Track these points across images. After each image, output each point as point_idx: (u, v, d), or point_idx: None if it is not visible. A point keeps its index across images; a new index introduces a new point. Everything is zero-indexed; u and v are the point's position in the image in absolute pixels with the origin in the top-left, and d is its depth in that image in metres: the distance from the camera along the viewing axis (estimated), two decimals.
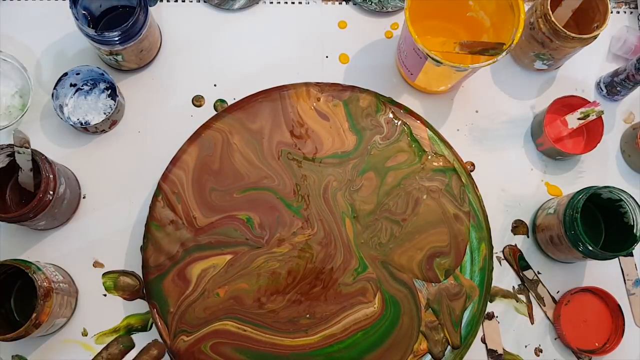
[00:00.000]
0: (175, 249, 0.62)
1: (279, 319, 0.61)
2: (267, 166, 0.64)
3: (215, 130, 0.65)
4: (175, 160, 0.64)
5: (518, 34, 0.61)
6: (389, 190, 0.65)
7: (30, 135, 0.61)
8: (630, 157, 0.73)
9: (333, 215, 0.64)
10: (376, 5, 0.76)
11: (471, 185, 0.65)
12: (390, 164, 0.65)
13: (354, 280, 0.62)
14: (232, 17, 0.76)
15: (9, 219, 0.60)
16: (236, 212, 0.63)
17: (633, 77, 0.70)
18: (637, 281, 0.70)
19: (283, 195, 0.64)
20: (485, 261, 0.63)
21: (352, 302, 0.62)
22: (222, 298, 0.61)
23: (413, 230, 0.64)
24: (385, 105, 0.67)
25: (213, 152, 0.64)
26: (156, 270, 0.61)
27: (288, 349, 0.60)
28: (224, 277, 0.61)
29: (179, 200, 0.63)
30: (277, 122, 0.66)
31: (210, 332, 0.60)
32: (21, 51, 0.72)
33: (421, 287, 0.62)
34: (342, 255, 0.63)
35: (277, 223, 0.63)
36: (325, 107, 0.67)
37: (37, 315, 0.57)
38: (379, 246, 0.63)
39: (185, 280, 0.61)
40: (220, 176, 0.64)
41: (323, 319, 0.61)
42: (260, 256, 0.62)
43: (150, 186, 0.68)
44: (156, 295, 0.61)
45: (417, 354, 0.61)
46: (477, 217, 0.64)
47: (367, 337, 0.61)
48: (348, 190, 0.64)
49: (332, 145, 0.65)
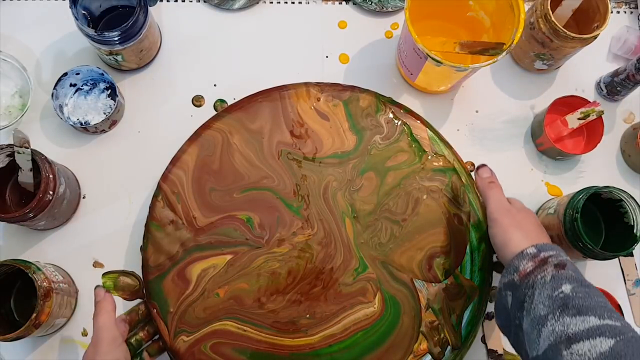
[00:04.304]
0: (175, 249, 0.62)
1: (279, 319, 0.61)
2: (267, 166, 0.64)
3: (215, 130, 0.65)
4: (175, 160, 0.64)
5: (518, 34, 0.61)
6: (389, 190, 0.65)
7: (30, 135, 0.61)
8: (630, 157, 0.73)
9: (333, 215, 0.64)
10: (376, 5, 0.76)
11: (471, 185, 0.65)
12: (390, 164, 0.65)
13: (354, 280, 0.62)
14: (232, 17, 0.76)
15: (9, 219, 0.60)
16: (236, 212, 0.63)
17: (633, 77, 0.70)
18: (637, 281, 0.70)
19: (283, 195, 0.64)
20: (485, 261, 0.63)
21: (352, 302, 0.62)
22: (222, 298, 0.61)
23: (413, 230, 0.64)
24: (385, 105, 0.67)
25: (213, 152, 0.64)
26: (156, 270, 0.61)
27: (288, 349, 0.60)
28: (224, 277, 0.61)
29: (179, 200, 0.63)
30: (277, 122, 0.66)
31: (210, 332, 0.60)
32: (21, 51, 0.72)
33: (421, 287, 0.62)
34: (342, 255, 0.63)
35: (277, 223, 0.63)
36: (325, 107, 0.66)
37: (37, 315, 0.57)
38: (379, 246, 0.63)
39: (185, 280, 0.61)
40: (220, 176, 0.64)
41: (323, 319, 0.61)
42: (260, 256, 0.62)
43: (150, 186, 0.68)
44: (156, 296, 0.61)
45: (417, 354, 0.61)
46: (477, 217, 0.64)
47: (367, 337, 0.61)
48: (348, 190, 0.64)
49: (332, 145, 0.65)
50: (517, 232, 0.56)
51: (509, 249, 0.55)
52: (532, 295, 0.50)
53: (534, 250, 0.52)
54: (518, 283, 0.52)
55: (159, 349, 0.60)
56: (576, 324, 0.46)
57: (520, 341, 0.51)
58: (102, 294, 0.56)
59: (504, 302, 0.54)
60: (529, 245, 0.53)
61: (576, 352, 0.44)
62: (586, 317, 0.46)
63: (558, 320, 0.47)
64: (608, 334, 0.44)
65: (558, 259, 0.51)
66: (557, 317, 0.47)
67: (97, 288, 0.57)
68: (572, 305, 0.47)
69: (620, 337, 0.44)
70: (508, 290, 0.53)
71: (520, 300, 0.51)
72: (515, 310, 0.52)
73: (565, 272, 0.50)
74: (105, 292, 0.56)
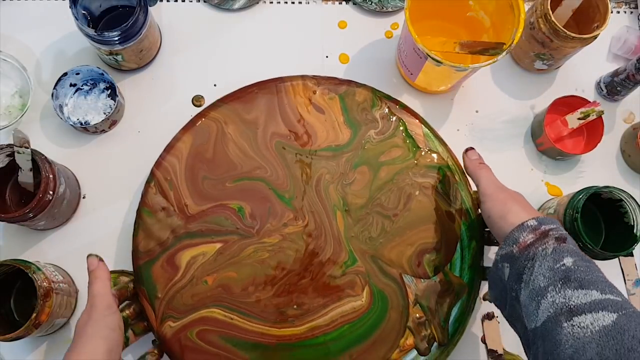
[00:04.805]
0: (166, 235, 0.62)
1: (266, 309, 0.61)
2: (260, 157, 0.64)
3: (210, 119, 0.65)
4: (169, 148, 0.64)
5: (518, 34, 0.61)
6: (381, 185, 0.65)
7: (30, 135, 0.61)
8: (630, 157, 0.73)
9: (324, 208, 0.64)
10: (376, 5, 0.76)
11: (464, 182, 0.65)
12: (384, 159, 0.65)
13: (342, 273, 0.62)
14: (232, 17, 0.76)
15: (9, 219, 0.60)
16: (228, 201, 0.63)
17: (633, 77, 0.70)
18: (637, 281, 0.70)
19: (275, 186, 0.64)
20: (476, 259, 0.63)
21: (340, 295, 0.61)
22: (210, 286, 0.61)
23: (404, 226, 0.64)
24: (381, 101, 0.67)
25: (207, 141, 0.64)
26: (146, 255, 0.61)
27: (274, 338, 0.60)
28: (213, 265, 0.61)
29: (171, 187, 0.63)
30: (273, 114, 0.66)
31: (197, 319, 0.60)
32: (21, 51, 0.72)
33: (410, 282, 0.62)
34: (332, 247, 0.63)
35: (268, 213, 0.63)
36: (321, 100, 0.67)
37: (37, 315, 0.57)
38: (369, 240, 0.63)
39: (175, 266, 0.61)
40: (214, 165, 0.64)
41: (310, 311, 0.61)
42: (250, 246, 0.62)
43: None
44: (145, 281, 0.61)
45: (403, 349, 0.61)
46: (469, 215, 0.64)
47: (353, 330, 0.61)
48: (340, 184, 0.64)
49: (327, 139, 0.65)
50: (515, 205, 0.55)
51: (508, 221, 0.53)
52: (532, 267, 0.49)
53: (535, 223, 0.51)
54: (517, 255, 0.50)
55: (144, 328, 0.60)
56: (578, 296, 0.45)
57: (516, 313, 0.51)
58: (96, 263, 0.56)
59: (499, 274, 0.53)
60: (529, 217, 0.52)
61: (577, 325, 0.43)
62: (588, 290, 0.45)
63: (559, 292, 0.46)
64: (610, 308, 0.43)
65: (559, 232, 0.50)
66: (558, 289, 0.46)
67: (90, 256, 0.56)
68: (574, 278, 0.46)
69: (622, 311, 0.43)
70: (505, 262, 0.52)
71: (518, 272, 0.50)
72: (512, 282, 0.51)
73: (567, 245, 0.49)
74: (99, 261, 0.56)
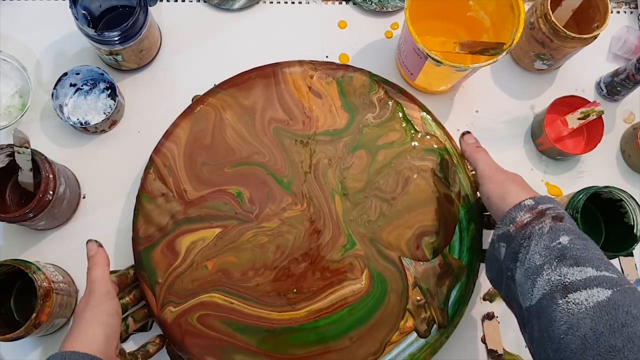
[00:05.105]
0: (165, 220, 0.62)
1: (266, 293, 0.61)
2: (258, 142, 0.65)
3: (209, 105, 0.65)
4: (168, 134, 0.64)
5: (518, 34, 0.61)
6: (379, 168, 0.65)
7: (30, 135, 0.61)
8: (630, 157, 0.73)
9: (323, 192, 0.64)
10: (376, 5, 0.76)
11: (462, 165, 0.65)
12: (382, 142, 0.65)
13: (341, 256, 0.62)
14: (232, 17, 0.76)
15: (9, 219, 0.60)
16: (227, 186, 0.63)
17: (633, 77, 0.70)
18: (637, 281, 0.70)
19: (273, 170, 0.64)
20: (474, 241, 0.63)
21: (340, 278, 0.62)
22: (210, 271, 0.61)
23: (402, 209, 0.64)
24: (378, 85, 0.67)
25: (205, 127, 0.65)
26: (146, 241, 0.61)
27: (274, 322, 0.60)
28: (213, 250, 0.61)
29: (170, 173, 0.63)
30: (270, 99, 0.66)
31: (197, 303, 0.60)
32: (21, 51, 0.72)
33: (409, 265, 0.62)
34: (331, 231, 0.63)
35: (267, 198, 0.63)
36: (318, 84, 0.67)
37: (37, 315, 0.57)
38: (367, 224, 0.63)
39: (174, 252, 0.61)
40: (212, 150, 0.64)
41: (310, 294, 0.61)
42: (249, 230, 0.62)
43: None
44: (145, 266, 0.61)
45: (403, 332, 0.61)
46: (467, 198, 0.64)
47: (353, 313, 0.61)
48: (339, 168, 0.64)
49: (324, 123, 0.65)
50: (514, 186, 0.55)
51: (507, 201, 0.53)
52: (528, 246, 0.49)
53: (532, 202, 0.51)
54: (514, 234, 0.50)
55: (144, 315, 0.60)
56: (573, 273, 0.45)
57: (512, 293, 0.51)
58: (95, 248, 0.55)
59: (496, 253, 0.53)
60: (527, 197, 0.52)
61: (572, 301, 0.43)
62: (584, 267, 0.45)
63: (555, 270, 0.46)
64: (605, 285, 0.43)
65: (556, 211, 0.50)
66: (553, 267, 0.46)
67: (89, 242, 0.56)
68: (570, 255, 0.46)
69: (617, 288, 0.43)
70: (502, 242, 0.52)
71: (514, 252, 0.50)
72: (508, 261, 0.51)
73: (563, 224, 0.49)
74: (98, 247, 0.56)
